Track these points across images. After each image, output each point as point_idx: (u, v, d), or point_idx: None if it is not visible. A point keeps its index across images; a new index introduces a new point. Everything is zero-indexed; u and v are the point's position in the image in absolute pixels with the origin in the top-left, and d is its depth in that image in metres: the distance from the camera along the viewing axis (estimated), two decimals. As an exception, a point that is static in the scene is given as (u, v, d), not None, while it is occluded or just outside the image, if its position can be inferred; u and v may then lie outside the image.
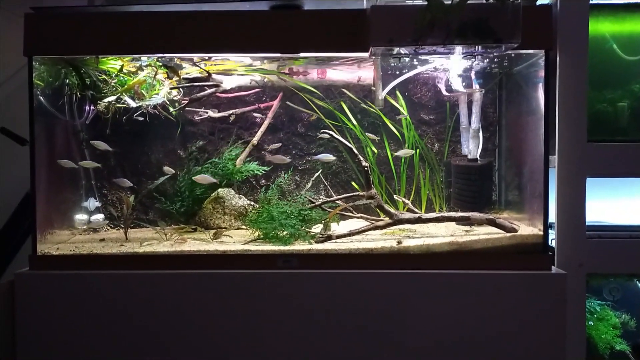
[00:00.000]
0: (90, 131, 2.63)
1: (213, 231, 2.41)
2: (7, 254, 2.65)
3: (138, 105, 2.44)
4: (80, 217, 2.71)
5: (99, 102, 2.40)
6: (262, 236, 2.32)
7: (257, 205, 2.59)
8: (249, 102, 2.77)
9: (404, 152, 2.56)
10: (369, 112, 2.71)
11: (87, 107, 2.56)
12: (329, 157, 2.51)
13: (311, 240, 2.24)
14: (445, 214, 2.29)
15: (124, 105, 2.47)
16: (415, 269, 2.08)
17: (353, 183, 2.77)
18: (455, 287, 2.06)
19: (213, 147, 2.80)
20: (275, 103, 2.72)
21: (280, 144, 2.70)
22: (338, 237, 2.28)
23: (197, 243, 2.30)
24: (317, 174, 2.69)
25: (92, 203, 2.77)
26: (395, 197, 2.61)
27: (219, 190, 2.65)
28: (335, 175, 2.80)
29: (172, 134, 2.75)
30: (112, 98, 2.38)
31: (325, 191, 2.73)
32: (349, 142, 2.43)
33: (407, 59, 2.38)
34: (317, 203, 2.40)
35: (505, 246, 2.16)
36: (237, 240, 2.35)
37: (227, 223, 2.62)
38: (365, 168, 2.32)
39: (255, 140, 2.70)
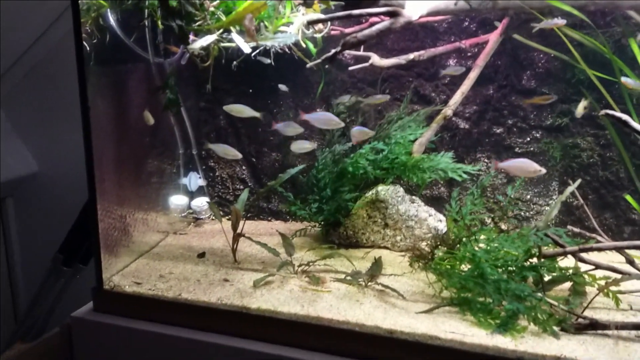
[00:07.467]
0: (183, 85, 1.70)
1: (370, 271, 1.41)
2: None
3: (252, 47, 1.41)
4: (178, 199, 1.90)
5: (190, 39, 1.41)
6: (454, 299, 1.29)
7: (447, 227, 1.52)
8: (443, 38, 1.60)
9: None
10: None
11: (179, 49, 1.60)
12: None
13: (556, 330, 1.15)
14: None
15: (231, 45, 1.46)
16: None
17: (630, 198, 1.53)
18: None
19: (371, 109, 1.72)
20: (493, 38, 1.50)
21: None
22: (619, 327, 1.16)
23: (342, 292, 1.34)
24: (572, 187, 1.45)
25: (195, 180, 1.93)
26: None
27: (379, 188, 1.62)
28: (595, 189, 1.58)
29: (310, 85, 1.73)
30: (210, 38, 1.36)
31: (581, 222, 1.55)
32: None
33: None
34: (571, 248, 1.26)
35: None
36: (414, 291, 1.34)
37: (389, 241, 1.62)
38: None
39: (449, 109, 1.54)
